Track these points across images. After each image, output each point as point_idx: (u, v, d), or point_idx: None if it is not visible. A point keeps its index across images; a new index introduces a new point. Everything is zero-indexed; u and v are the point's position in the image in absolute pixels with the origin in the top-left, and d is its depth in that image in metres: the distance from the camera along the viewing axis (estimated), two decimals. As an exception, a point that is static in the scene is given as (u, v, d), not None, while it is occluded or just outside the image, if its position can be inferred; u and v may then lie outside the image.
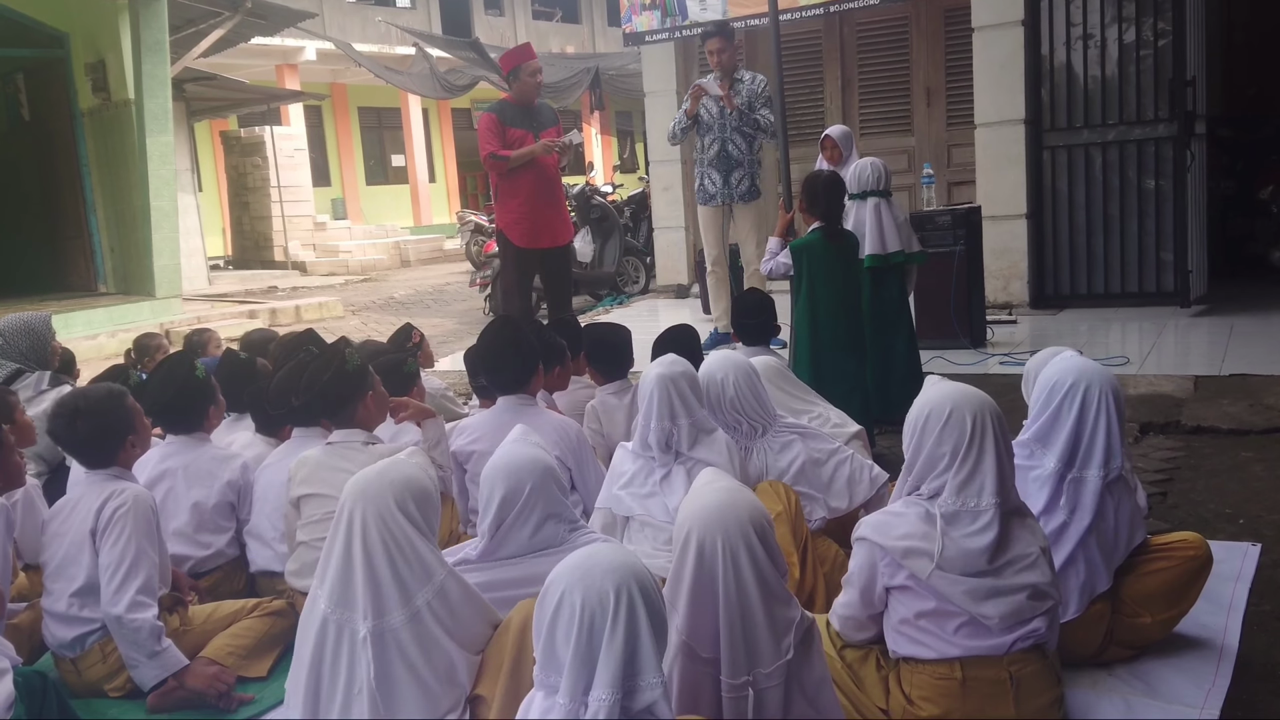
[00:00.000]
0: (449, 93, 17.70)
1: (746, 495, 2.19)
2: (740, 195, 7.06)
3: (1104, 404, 2.69)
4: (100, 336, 9.97)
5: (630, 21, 10.14)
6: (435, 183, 26.28)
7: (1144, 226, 7.58)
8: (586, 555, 1.85)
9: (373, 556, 2.30)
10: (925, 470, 2.38)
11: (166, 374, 3.66)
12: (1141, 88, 7.49)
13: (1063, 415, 2.70)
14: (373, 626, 2.28)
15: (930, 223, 6.63)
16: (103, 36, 11.29)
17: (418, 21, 23.76)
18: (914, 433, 2.41)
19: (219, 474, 3.55)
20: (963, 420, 2.33)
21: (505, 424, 3.52)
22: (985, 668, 2.32)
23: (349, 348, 3.51)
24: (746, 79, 6.99)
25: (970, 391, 2.40)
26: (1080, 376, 2.71)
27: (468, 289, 12.72)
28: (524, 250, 6.56)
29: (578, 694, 1.75)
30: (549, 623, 1.79)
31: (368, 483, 2.37)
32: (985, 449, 2.33)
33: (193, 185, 15.53)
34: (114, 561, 2.89)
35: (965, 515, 2.32)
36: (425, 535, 2.37)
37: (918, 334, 5.47)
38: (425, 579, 2.33)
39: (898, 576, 2.36)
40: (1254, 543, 3.50)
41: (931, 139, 9.30)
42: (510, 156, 6.33)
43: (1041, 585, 2.34)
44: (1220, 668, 2.72)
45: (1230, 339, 6.41)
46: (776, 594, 2.11)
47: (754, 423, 3.32)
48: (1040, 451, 2.74)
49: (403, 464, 2.46)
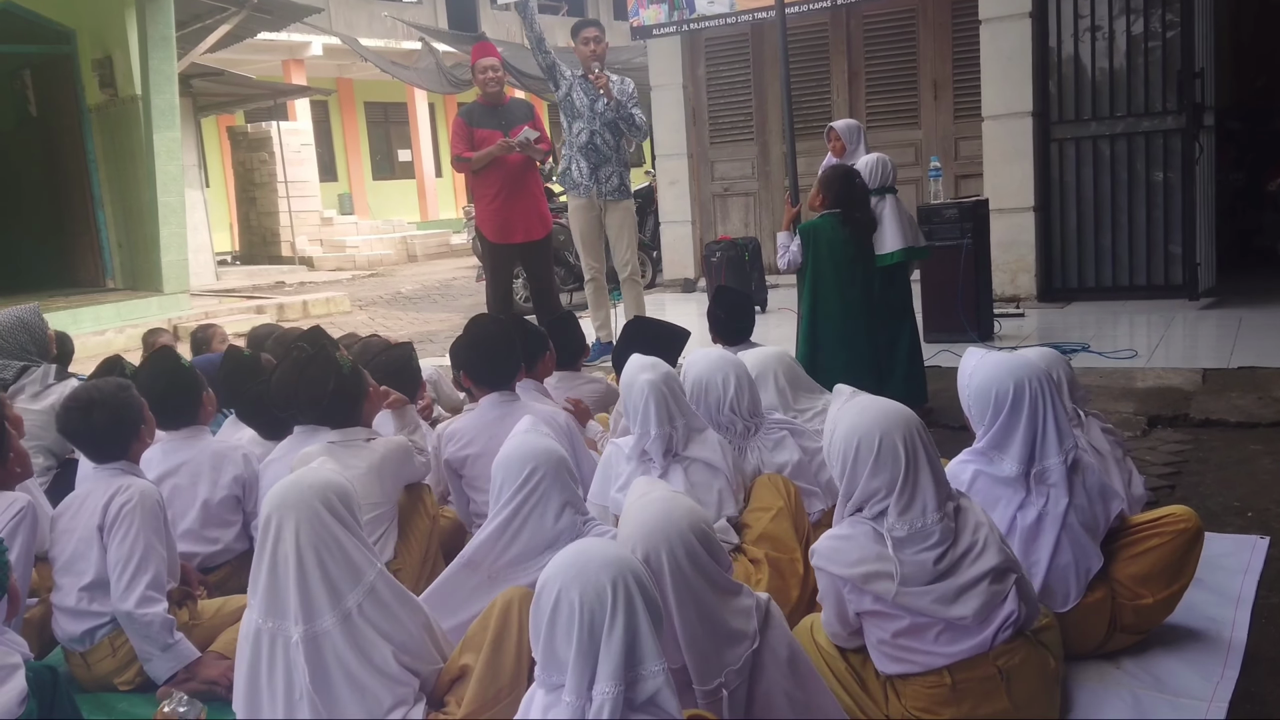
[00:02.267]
0: (455, 87, 17.66)
1: (682, 503, 2.17)
2: (609, 193, 6.78)
3: (1046, 398, 2.66)
4: (108, 332, 10.00)
5: (637, 15, 10.13)
6: (442, 178, 26.29)
7: (1152, 219, 7.55)
8: (578, 552, 1.86)
9: (303, 561, 2.27)
10: (863, 499, 2.35)
11: (153, 369, 3.66)
12: (1150, 80, 7.46)
13: (1012, 422, 2.67)
14: (304, 631, 2.25)
15: (938, 215, 6.61)
16: (110, 32, 11.32)
17: (424, 16, 23.73)
18: (845, 464, 2.35)
19: (223, 468, 3.55)
20: (894, 449, 2.29)
21: (492, 422, 3.55)
22: (973, 668, 2.31)
23: (338, 351, 3.50)
24: (615, 81, 6.76)
25: (893, 410, 2.35)
26: (1017, 379, 2.66)
27: (474, 284, 12.74)
28: (499, 245, 6.67)
29: (582, 689, 1.76)
30: (548, 622, 1.80)
31: (287, 491, 2.34)
32: (920, 470, 2.30)
33: (200, 181, 15.56)
34: (123, 557, 2.90)
35: (915, 536, 2.30)
36: (353, 533, 2.35)
37: (925, 327, 5.47)
38: (355, 580, 2.31)
39: (864, 601, 2.34)
40: (1262, 535, 3.48)
41: (939, 132, 9.27)
42: (472, 158, 6.44)
43: (999, 565, 2.31)
44: (1228, 661, 2.71)
45: (1239, 331, 6.39)
46: (728, 589, 2.12)
47: (748, 422, 3.31)
48: (998, 456, 2.71)
49: (317, 470, 2.45)
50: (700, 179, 10.51)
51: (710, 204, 10.56)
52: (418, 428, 3.63)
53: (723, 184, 10.50)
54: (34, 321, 4.52)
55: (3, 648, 2.35)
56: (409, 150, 25.52)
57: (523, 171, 6.57)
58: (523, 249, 6.72)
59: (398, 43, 21.56)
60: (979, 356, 2.81)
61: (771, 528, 3.00)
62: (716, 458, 3.06)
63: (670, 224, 10.51)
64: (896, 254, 5.17)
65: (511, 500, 2.60)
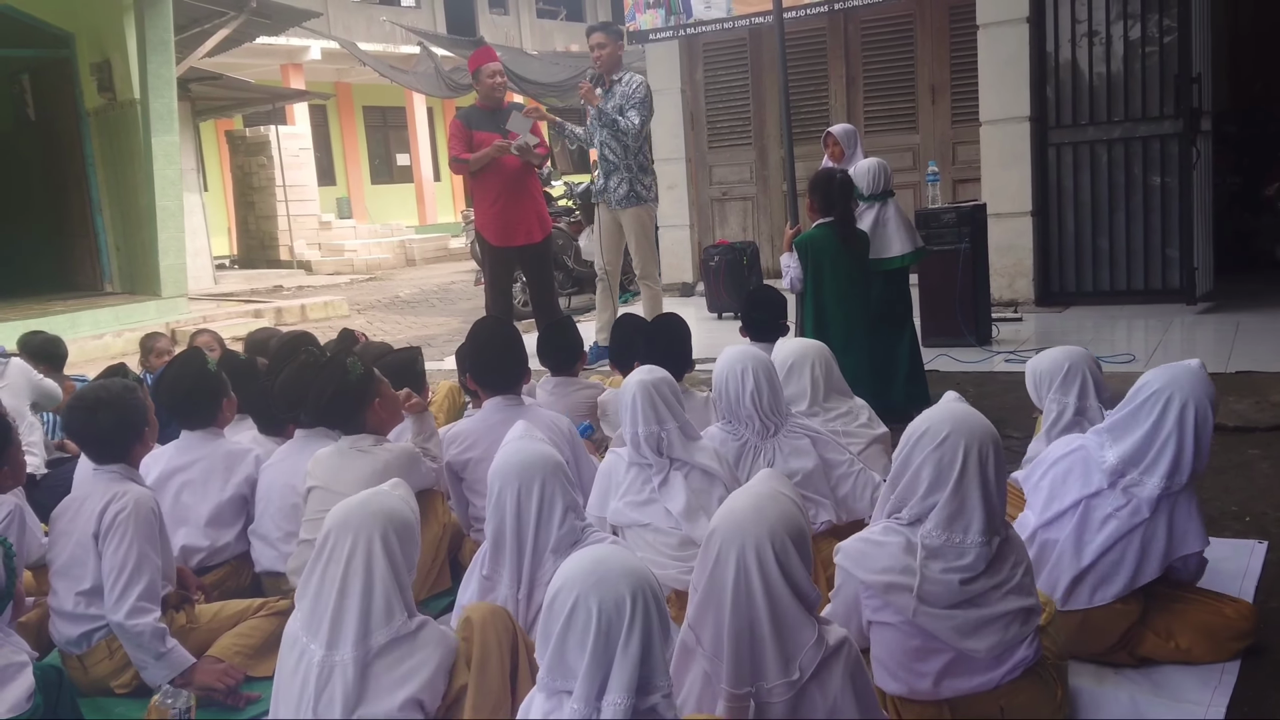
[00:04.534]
0: (454, 92, 17.69)
1: (780, 506, 2.07)
2: (617, 200, 6.81)
3: (1186, 417, 2.67)
4: (106, 336, 10.00)
5: (634, 20, 10.13)
6: (440, 182, 26.30)
7: (1150, 223, 7.56)
8: (596, 560, 1.82)
9: (346, 588, 2.23)
10: (907, 490, 2.31)
11: (179, 369, 3.69)
12: (1147, 84, 7.47)
13: (1140, 416, 2.71)
14: (323, 657, 2.23)
15: (935, 220, 6.62)
16: (108, 36, 11.32)
17: (422, 20, 23.76)
18: (906, 445, 2.33)
19: (235, 468, 3.58)
20: (955, 447, 2.24)
21: (496, 426, 3.52)
22: (975, 704, 2.27)
23: (350, 357, 3.50)
24: (623, 80, 6.78)
25: (975, 420, 2.31)
26: (1170, 383, 2.71)
27: (472, 288, 12.72)
28: (499, 249, 6.68)
29: (591, 699, 1.74)
30: (561, 628, 1.77)
31: (351, 511, 2.31)
32: (971, 481, 2.24)
33: (198, 185, 15.56)
34: (116, 567, 2.90)
35: (950, 550, 2.25)
36: (398, 573, 2.28)
37: (923, 331, 5.48)
38: (387, 620, 2.26)
39: (882, 613, 2.30)
40: (1260, 540, 3.49)
41: (936, 136, 9.28)
42: (470, 159, 6.46)
43: (1026, 606, 2.28)
44: (1227, 665, 2.70)
45: (1236, 336, 6.39)
46: (788, 612, 2.00)
47: (768, 420, 3.24)
48: (1110, 444, 2.74)
49: (388, 495, 2.40)
50: (698, 183, 10.52)
51: (708, 208, 10.57)
52: (433, 434, 3.62)
53: (721, 188, 10.51)
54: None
55: (9, 646, 2.36)
56: (407, 154, 25.52)
57: (523, 175, 6.59)
58: (522, 252, 6.73)
59: (396, 47, 21.58)
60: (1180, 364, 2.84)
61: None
62: (714, 465, 3.05)
63: (668, 228, 10.52)
64: (906, 257, 5.18)
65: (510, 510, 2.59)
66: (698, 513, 2.98)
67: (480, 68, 6.64)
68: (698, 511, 2.99)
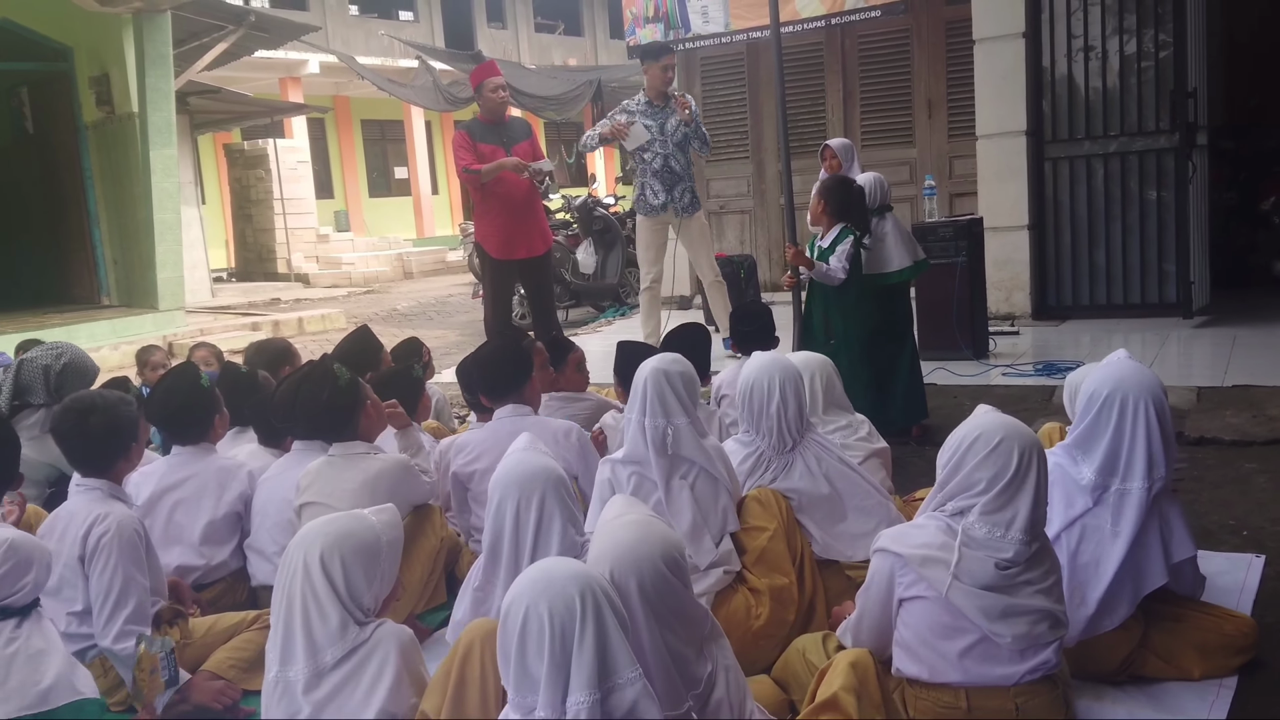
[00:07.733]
0: (452, 105, 17.73)
1: (657, 528, 2.10)
2: (684, 208, 7.07)
3: (1141, 414, 2.66)
4: (103, 349, 9.98)
5: (634, 34, 10.18)
6: (438, 195, 26.34)
7: (1146, 237, 7.57)
8: (541, 570, 1.87)
9: (292, 605, 2.25)
10: (958, 490, 2.32)
11: (172, 384, 3.67)
12: (1143, 99, 7.49)
13: (1100, 426, 2.69)
14: (276, 674, 2.24)
15: (932, 234, 6.63)
16: (106, 50, 11.34)
17: (420, 34, 23.83)
18: (956, 453, 2.33)
19: (228, 485, 3.55)
20: (1010, 452, 2.27)
21: (504, 436, 3.49)
22: (992, 698, 2.28)
23: (336, 364, 3.50)
24: (691, 97, 7.27)
25: (1022, 427, 2.34)
26: (1117, 386, 2.69)
27: (470, 300, 12.72)
28: (501, 261, 6.70)
29: (556, 703, 1.76)
30: (518, 640, 1.79)
31: (309, 530, 2.32)
32: (1024, 485, 2.27)
33: (196, 198, 15.57)
34: (102, 592, 2.88)
35: (989, 542, 2.27)
36: (337, 591, 2.25)
37: (920, 345, 5.48)
38: (337, 638, 2.25)
39: (915, 587, 2.31)
40: (1258, 554, 3.48)
41: (933, 151, 9.31)
42: (482, 170, 6.47)
43: (1056, 612, 2.30)
44: (1224, 679, 2.70)
45: (1233, 350, 6.40)
46: (675, 633, 2.04)
47: (787, 436, 3.13)
48: (1081, 459, 2.73)
49: (350, 517, 2.37)
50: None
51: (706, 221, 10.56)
52: (420, 449, 3.62)
53: (718, 201, 10.52)
54: (88, 367, 4.30)
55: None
56: (405, 167, 25.56)
57: (527, 189, 6.62)
58: (524, 265, 6.75)
59: (395, 61, 21.63)
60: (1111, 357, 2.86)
61: (769, 548, 2.97)
62: (720, 469, 3.02)
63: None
64: (905, 271, 5.18)
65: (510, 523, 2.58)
66: (701, 532, 2.96)
67: (484, 82, 6.67)
68: (701, 531, 2.96)
